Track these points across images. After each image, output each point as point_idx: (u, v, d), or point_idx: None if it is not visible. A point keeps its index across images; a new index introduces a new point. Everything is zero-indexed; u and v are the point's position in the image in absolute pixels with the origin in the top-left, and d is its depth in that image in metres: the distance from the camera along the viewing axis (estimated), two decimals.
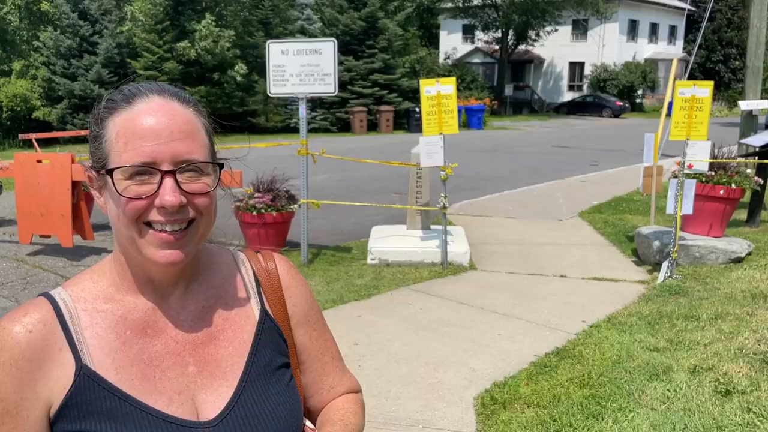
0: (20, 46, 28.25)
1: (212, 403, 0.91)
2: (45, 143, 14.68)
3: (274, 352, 0.99)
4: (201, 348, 0.93)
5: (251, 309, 0.99)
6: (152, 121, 0.85)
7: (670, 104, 5.60)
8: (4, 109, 23.89)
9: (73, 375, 0.85)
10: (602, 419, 3.16)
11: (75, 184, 6.05)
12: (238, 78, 23.19)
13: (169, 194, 0.84)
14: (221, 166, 0.92)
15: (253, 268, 1.03)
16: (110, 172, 0.84)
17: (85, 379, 0.85)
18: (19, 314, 0.87)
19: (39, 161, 6.18)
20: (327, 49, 6.17)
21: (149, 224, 0.86)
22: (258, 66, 23.46)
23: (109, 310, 0.90)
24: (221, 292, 0.98)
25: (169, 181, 0.84)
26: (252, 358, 0.96)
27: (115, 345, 0.88)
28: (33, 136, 10.04)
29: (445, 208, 6.05)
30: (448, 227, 6.34)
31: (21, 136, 10.92)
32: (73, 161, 6.06)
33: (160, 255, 0.85)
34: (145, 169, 0.84)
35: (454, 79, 5.98)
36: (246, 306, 0.99)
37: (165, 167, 0.84)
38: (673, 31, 43.86)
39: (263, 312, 1.00)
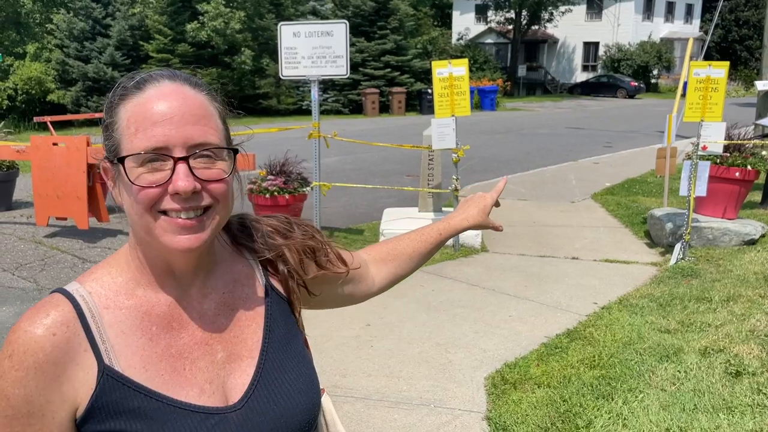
0: (34, 28, 28.36)
1: (240, 385, 0.92)
2: (60, 126, 14.78)
3: (286, 324, 1.01)
4: (227, 333, 0.94)
5: (260, 287, 1.01)
6: (163, 106, 0.83)
7: (686, 84, 5.54)
8: (19, 92, 24.05)
9: (96, 377, 0.85)
10: (612, 400, 3.19)
11: (90, 167, 6.12)
12: (247, 63, 23.14)
13: (182, 180, 0.82)
14: (236, 151, 0.90)
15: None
16: (122, 160, 0.83)
17: (109, 380, 0.85)
18: (40, 316, 0.84)
19: (55, 144, 6.24)
20: (339, 31, 6.15)
21: (164, 212, 0.84)
22: (269, 48, 23.40)
23: (132, 306, 0.89)
24: (237, 277, 0.99)
25: (182, 167, 0.82)
26: (267, 335, 0.97)
27: (142, 342, 0.88)
28: (48, 119, 10.13)
29: (456, 190, 6.05)
30: None
31: (36, 119, 11.02)
32: (88, 144, 6.12)
33: (177, 240, 0.84)
34: (156, 156, 0.83)
35: (466, 60, 5.95)
36: (256, 285, 1.01)
37: (177, 153, 0.83)
38: (689, 9, 43.13)
39: (268, 286, 1.01)
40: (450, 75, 5.77)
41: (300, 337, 1.04)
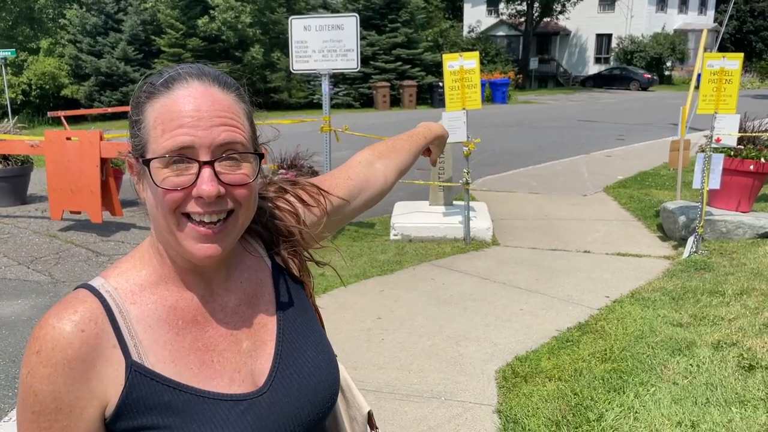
0: (47, 24, 28.52)
1: (265, 370, 0.94)
2: (73, 120, 14.89)
3: (299, 303, 1.02)
4: (250, 322, 0.96)
5: (269, 271, 1.02)
6: (191, 108, 0.83)
7: (699, 76, 5.49)
8: (33, 87, 24.22)
9: (124, 373, 0.85)
10: (624, 393, 3.18)
11: (104, 161, 6.17)
12: (257, 57, 23.19)
13: (206, 184, 0.82)
14: (261, 155, 0.90)
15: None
16: (147, 162, 0.83)
17: (137, 376, 0.85)
18: (68, 312, 0.84)
19: (68, 139, 6.30)
20: (349, 25, 6.15)
21: (187, 216, 0.84)
22: (280, 42, 23.42)
23: (158, 301, 0.90)
24: (250, 264, 1.00)
25: (206, 171, 0.82)
26: (280, 318, 0.99)
27: (169, 336, 0.89)
28: (62, 113, 10.21)
29: (467, 183, 6.04)
30: (471, 203, 6.33)
31: (50, 114, 11.12)
32: (101, 138, 6.17)
33: (197, 248, 0.85)
34: (182, 159, 0.82)
35: (477, 53, 5.92)
36: (266, 270, 1.02)
37: (203, 155, 0.82)
38: (703, 0, 42.64)
39: (276, 268, 1.02)
40: (461, 68, 5.75)
41: (313, 313, 1.06)
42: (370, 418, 1.14)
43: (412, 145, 1.39)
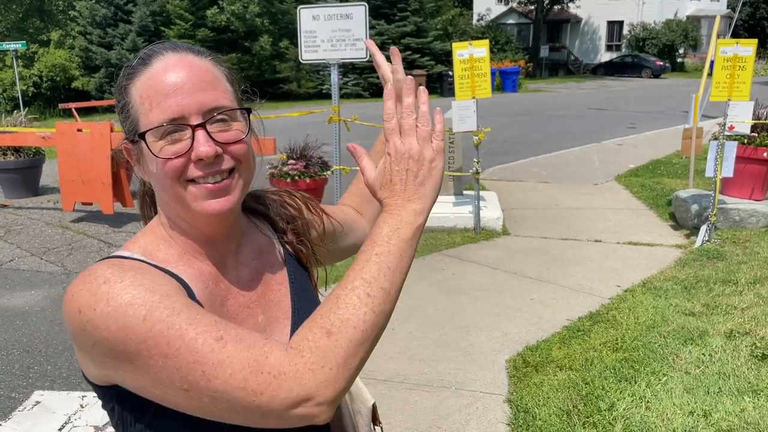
0: (57, 15, 28.63)
1: None
2: (84, 112, 14.97)
3: (306, 284, 1.06)
4: (263, 298, 0.98)
5: (280, 254, 1.05)
6: (172, 77, 0.85)
7: (712, 63, 5.42)
8: (44, 79, 24.34)
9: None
10: (635, 382, 3.17)
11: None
12: (266, 47, 23.19)
13: (203, 145, 0.84)
14: (249, 110, 0.91)
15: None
16: (142, 136, 0.85)
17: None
18: (112, 268, 0.81)
19: (79, 130, 6.33)
20: (358, 14, 6.11)
21: (191, 181, 0.86)
22: (289, 32, 23.38)
23: (183, 269, 0.90)
24: (260, 245, 1.02)
25: (201, 134, 0.84)
26: (294, 298, 1.01)
27: (204, 295, 0.89)
28: (73, 105, 10.26)
29: (477, 173, 6.02)
30: (481, 192, 6.31)
31: (61, 106, 11.18)
32: (112, 130, 6.19)
33: (208, 205, 0.86)
34: (175, 127, 0.84)
35: (487, 41, 5.87)
36: (277, 253, 1.04)
37: (194, 120, 0.84)
38: None
39: (286, 253, 1.05)
40: (471, 56, 5.71)
41: (317, 300, 1.08)
42: (373, 411, 1.14)
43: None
